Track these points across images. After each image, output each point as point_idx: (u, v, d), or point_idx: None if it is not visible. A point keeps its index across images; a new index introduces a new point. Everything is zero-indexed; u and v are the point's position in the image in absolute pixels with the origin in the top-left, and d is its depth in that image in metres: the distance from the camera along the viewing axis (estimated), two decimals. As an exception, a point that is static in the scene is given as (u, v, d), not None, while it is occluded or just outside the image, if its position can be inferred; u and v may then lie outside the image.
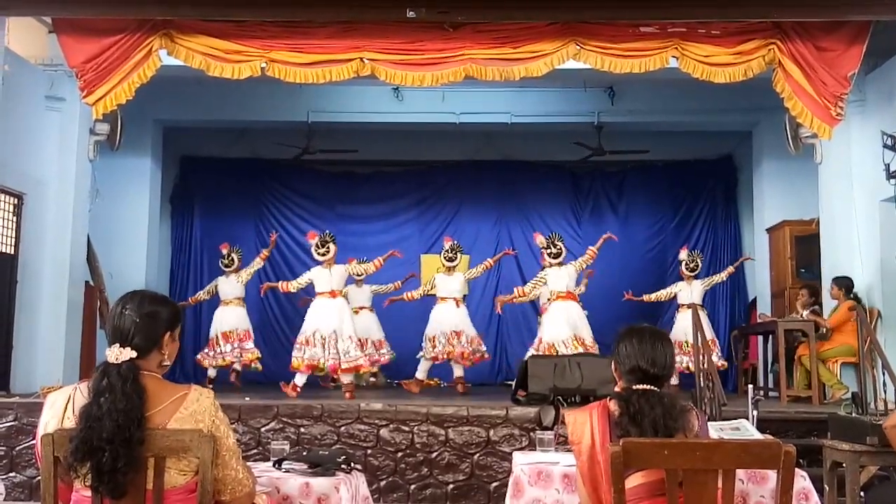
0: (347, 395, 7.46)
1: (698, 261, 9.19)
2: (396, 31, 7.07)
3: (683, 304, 9.01)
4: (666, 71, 7.17)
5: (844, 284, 7.82)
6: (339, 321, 7.82)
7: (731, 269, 9.58)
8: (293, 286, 8.29)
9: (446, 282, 8.91)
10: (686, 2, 6.81)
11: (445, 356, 8.62)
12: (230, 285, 9.13)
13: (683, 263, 9.19)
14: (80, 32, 7.06)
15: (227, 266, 9.18)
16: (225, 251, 9.27)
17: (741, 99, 9.24)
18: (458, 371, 8.70)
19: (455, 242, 9.19)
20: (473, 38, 7.08)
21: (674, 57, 7.06)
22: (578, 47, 7.04)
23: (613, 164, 11.32)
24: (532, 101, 10.24)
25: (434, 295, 8.96)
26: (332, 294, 7.98)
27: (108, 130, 8.46)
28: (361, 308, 9.55)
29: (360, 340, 8.24)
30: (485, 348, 8.91)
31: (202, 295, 9.44)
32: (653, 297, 9.23)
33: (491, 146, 11.40)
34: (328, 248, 8.05)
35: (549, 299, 8.43)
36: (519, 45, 7.09)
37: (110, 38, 7.00)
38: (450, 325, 8.66)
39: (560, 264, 8.39)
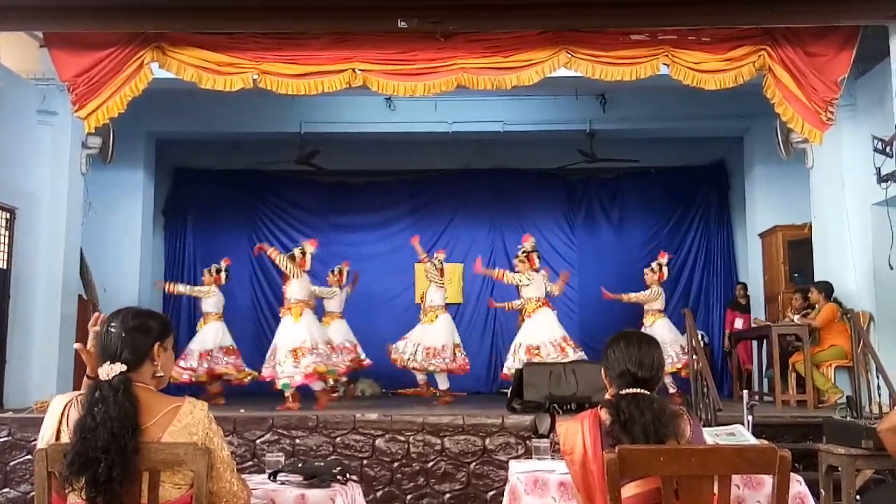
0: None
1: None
2: (388, 41, 7.08)
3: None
4: (657, 78, 7.20)
5: (824, 288, 7.97)
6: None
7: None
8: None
9: (439, 294, 8.99)
10: (676, 9, 6.83)
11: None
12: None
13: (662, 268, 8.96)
14: (71, 46, 7.05)
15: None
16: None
17: (732, 105, 9.27)
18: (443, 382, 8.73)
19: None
20: (465, 48, 7.10)
21: (665, 64, 7.08)
22: (570, 55, 7.06)
23: (606, 170, 11.35)
24: (524, 110, 10.26)
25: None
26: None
27: (100, 144, 8.46)
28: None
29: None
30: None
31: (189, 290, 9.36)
32: (632, 297, 8.92)
33: (484, 154, 11.42)
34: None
35: (532, 304, 8.48)
36: (510, 53, 7.11)
37: (102, 51, 7.00)
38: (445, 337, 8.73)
39: (537, 270, 8.59)
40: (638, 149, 10.82)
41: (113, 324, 2.49)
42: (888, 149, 7.18)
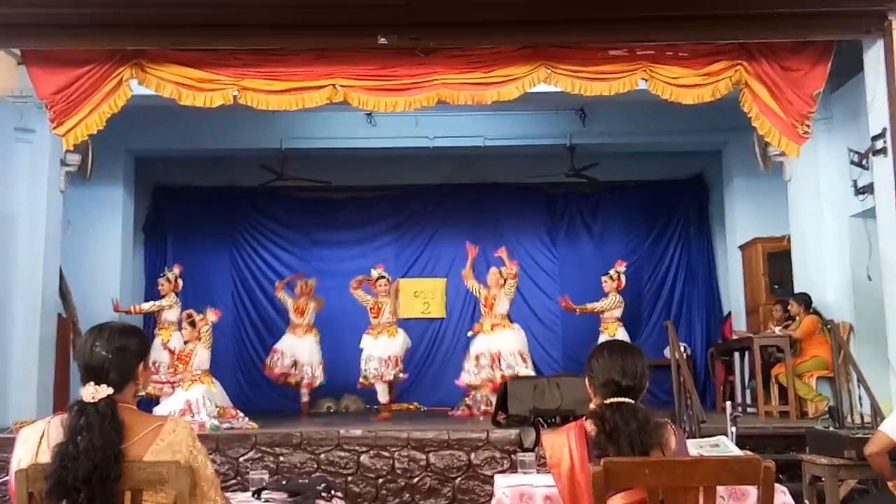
0: None
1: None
2: (368, 57, 7.10)
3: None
4: (636, 93, 7.24)
5: (803, 300, 8.09)
6: None
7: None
8: None
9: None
10: (654, 25, 6.90)
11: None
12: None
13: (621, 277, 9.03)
14: (49, 64, 7.00)
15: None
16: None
17: (710, 119, 9.34)
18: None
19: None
20: (445, 64, 7.12)
21: (643, 79, 7.13)
22: (549, 71, 7.10)
23: (587, 185, 11.40)
24: (505, 125, 10.31)
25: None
26: None
27: (79, 161, 8.38)
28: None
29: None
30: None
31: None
32: (593, 307, 9.02)
33: (465, 169, 11.45)
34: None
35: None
36: (490, 69, 7.14)
37: (80, 68, 6.96)
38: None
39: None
40: (617, 163, 10.89)
41: (97, 343, 2.45)
42: (864, 161, 7.28)
